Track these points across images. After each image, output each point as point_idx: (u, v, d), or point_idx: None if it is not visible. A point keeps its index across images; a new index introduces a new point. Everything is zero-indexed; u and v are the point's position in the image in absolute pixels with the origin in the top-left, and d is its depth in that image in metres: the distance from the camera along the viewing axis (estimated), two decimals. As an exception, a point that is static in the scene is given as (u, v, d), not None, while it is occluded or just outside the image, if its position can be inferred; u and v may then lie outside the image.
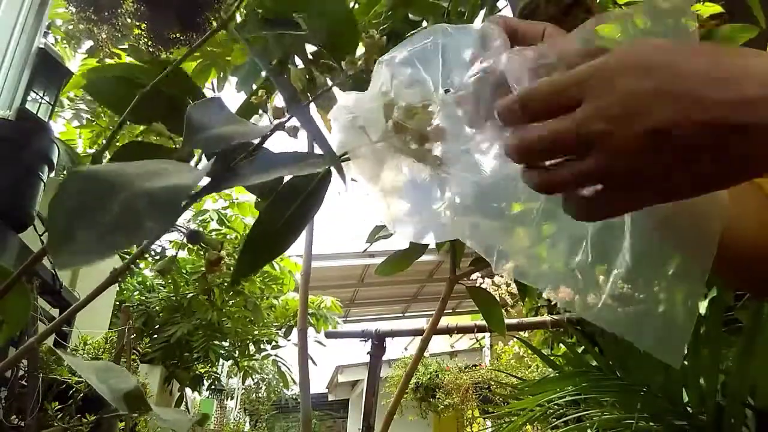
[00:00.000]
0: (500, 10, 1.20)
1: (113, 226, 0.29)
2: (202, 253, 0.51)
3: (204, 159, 0.47)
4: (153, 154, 0.49)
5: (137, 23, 1.19)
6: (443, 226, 0.40)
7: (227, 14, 0.51)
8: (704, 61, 0.27)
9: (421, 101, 0.37)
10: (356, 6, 1.27)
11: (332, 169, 0.38)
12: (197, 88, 0.51)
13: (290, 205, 0.40)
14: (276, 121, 0.44)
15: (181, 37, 1.23)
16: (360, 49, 0.48)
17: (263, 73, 1.24)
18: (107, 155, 0.53)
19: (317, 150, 0.37)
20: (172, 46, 1.24)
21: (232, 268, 0.47)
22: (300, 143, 0.44)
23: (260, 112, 0.48)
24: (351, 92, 0.39)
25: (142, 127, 0.56)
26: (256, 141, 0.43)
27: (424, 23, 1.17)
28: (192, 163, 0.48)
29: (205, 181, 0.37)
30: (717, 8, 1.18)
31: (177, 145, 0.49)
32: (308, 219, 0.40)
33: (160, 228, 0.30)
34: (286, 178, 0.42)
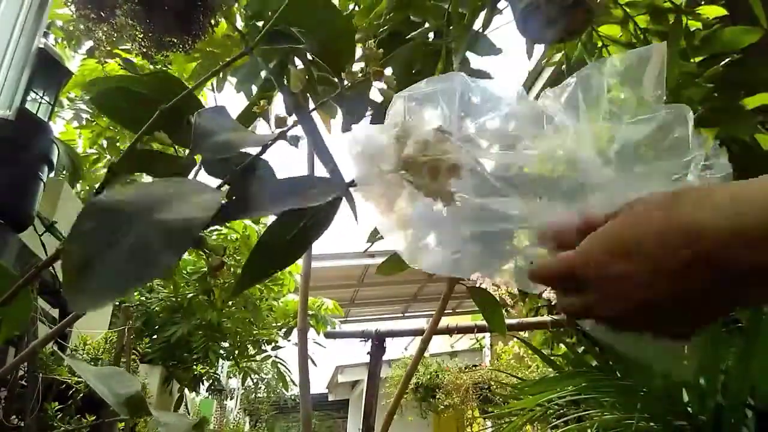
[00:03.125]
0: (501, 12, 1.20)
1: (129, 260, 0.29)
2: (202, 254, 0.51)
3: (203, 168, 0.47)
4: (158, 161, 0.49)
5: (134, 24, 1.18)
6: (452, 258, 0.41)
7: (227, 19, 0.51)
8: (659, 223, 0.32)
9: (435, 136, 0.38)
10: (357, 8, 1.27)
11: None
12: (198, 100, 0.52)
13: (298, 224, 0.41)
14: (278, 130, 0.44)
15: (177, 41, 1.22)
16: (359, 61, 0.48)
17: (263, 74, 1.24)
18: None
19: (317, 160, 0.38)
20: (167, 49, 1.24)
21: (232, 269, 0.47)
22: (302, 150, 0.44)
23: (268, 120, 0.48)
24: (363, 125, 0.40)
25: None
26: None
27: (426, 25, 1.17)
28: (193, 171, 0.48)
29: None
30: (720, 10, 1.17)
31: (178, 153, 0.49)
32: (315, 238, 0.41)
33: (172, 261, 0.30)
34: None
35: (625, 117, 0.38)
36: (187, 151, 0.45)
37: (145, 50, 1.23)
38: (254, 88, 1.22)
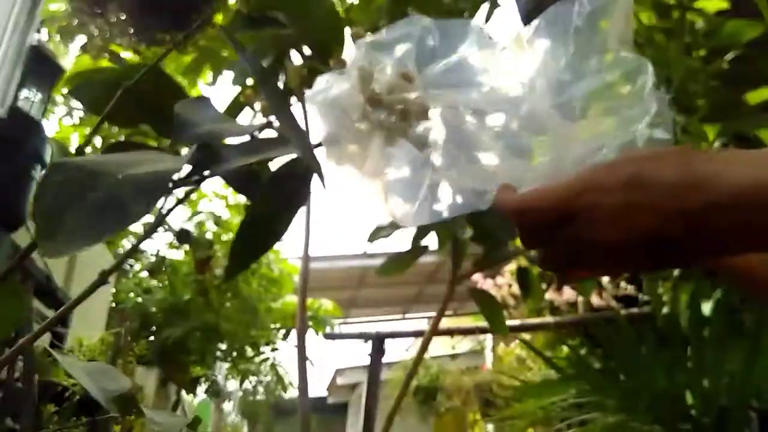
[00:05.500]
0: (499, 6, 1.18)
1: (99, 211, 0.29)
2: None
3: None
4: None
5: (126, 18, 1.17)
6: (433, 208, 0.39)
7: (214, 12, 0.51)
8: (675, 169, 0.31)
9: (398, 81, 0.37)
10: (355, 2, 1.26)
11: (322, 158, 0.38)
12: (181, 89, 0.51)
13: (278, 196, 0.40)
14: (265, 119, 0.43)
15: (169, 38, 1.21)
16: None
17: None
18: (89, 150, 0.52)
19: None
20: (158, 44, 1.22)
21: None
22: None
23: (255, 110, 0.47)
24: (324, 75, 0.39)
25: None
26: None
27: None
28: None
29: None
30: (723, 4, 1.16)
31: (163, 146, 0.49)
32: (297, 208, 0.40)
33: (144, 211, 0.30)
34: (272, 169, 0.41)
35: (591, 60, 0.38)
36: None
37: (135, 44, 1.22)
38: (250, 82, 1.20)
